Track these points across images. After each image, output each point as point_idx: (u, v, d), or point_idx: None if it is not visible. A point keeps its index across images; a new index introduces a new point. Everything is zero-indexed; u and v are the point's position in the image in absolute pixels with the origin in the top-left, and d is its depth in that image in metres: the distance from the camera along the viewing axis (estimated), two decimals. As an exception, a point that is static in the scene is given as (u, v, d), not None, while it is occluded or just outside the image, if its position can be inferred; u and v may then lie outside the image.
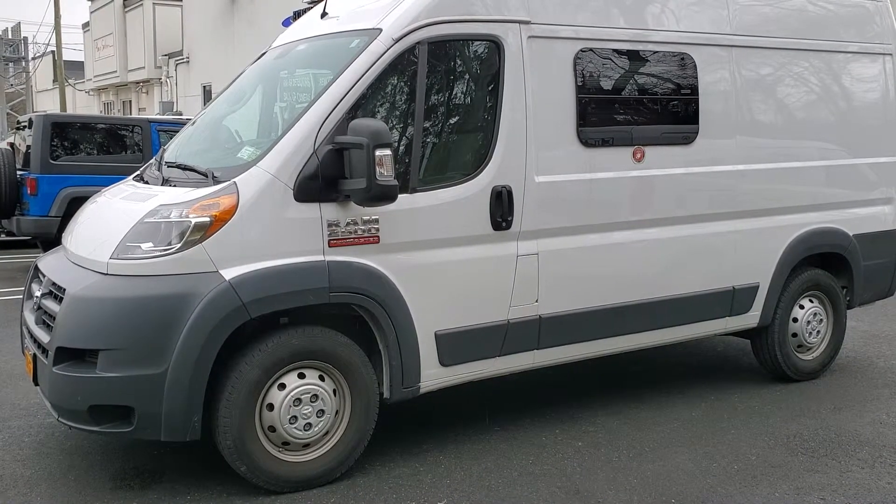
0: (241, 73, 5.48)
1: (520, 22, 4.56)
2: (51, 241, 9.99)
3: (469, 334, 4.43)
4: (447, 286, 4.34)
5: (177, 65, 32.62)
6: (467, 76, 4.54)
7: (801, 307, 5.92)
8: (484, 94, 4.52)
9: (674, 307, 5.17)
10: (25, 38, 41.40)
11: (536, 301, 4.63)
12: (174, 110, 26.10)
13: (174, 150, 4.93)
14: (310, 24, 5.12)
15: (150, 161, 5.08)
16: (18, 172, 10.98)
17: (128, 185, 4.75)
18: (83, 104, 42.88)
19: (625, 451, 4.60)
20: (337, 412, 4.14)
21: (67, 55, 38.51)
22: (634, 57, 5.01)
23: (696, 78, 5.20)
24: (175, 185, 4.25)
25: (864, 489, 4.14)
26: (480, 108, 4.52)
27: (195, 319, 3.71)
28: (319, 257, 3.99)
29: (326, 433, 4.12)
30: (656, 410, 5.29)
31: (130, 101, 37.72)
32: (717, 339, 6.94)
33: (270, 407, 3.96)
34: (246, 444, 3.90)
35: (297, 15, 5.65)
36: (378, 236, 4.11)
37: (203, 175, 4.13)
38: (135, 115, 33.34)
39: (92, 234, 4.32)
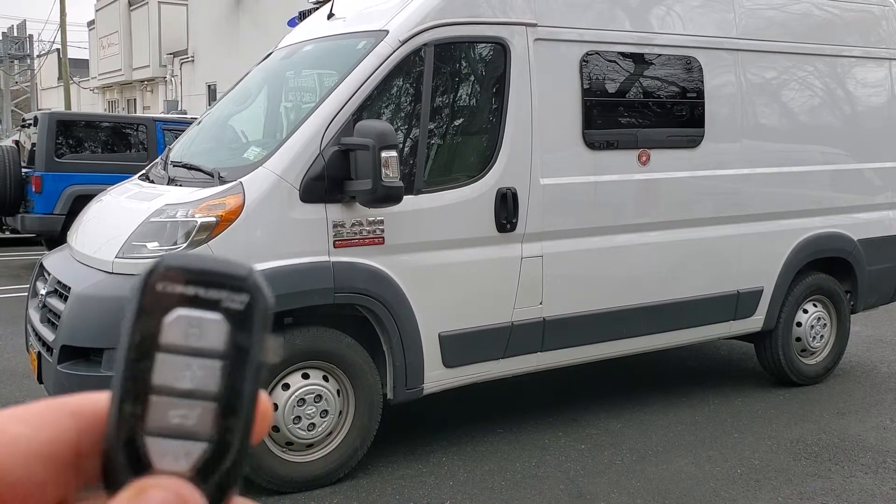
0: (248, 74, 5.49)
1: (526, 24, 4.56)
2: (55, 238, 10.00)
3: (473, 336, 4.43)
4: (451, 288, 4.35)
5: (182, 63, 32.63)
6: (473, 78, 4.55)
7: (805, 311, 5.91)
8: (489, 97, 4.52)
9: (678, 310, 5.16)
10: (30, 36, 41.42)
11: (540, 303, 4.63)
12: (179, 109, 26.12)
13: (180, 149, 4.93)
14: (316, 25, 5.13)
15: (156, 160, 5.10)
16: (23, 170, 11.00)
17: (133, 185, 4.76)
18: (88, 102, 42.91)
19: (628, 454, 4.60)
20: (340, 413, 4.15)
21: (72, 53, 38.62)
22: (640, 60, 5.01)
23: (703, 81, 5.20)
24: (181, 185, 4.26)
25: (868, 494, 4.14)
26: (486, 111, 4.53)
27: (200, 319, 3.70)
28: (324, 258, 3.99)
29: (330, 434, 4.13)
30: (659, 414, 5.29)
31: (135, 100, 37.75)
32: (720, 343, 6.93)
33: (274, 407, 3.96)
34: (249, 444, 3.90)
35: (303, 15, 5.66)
36: (383, 237, 4.12)
37: (209, 175, 4.14)
38: (139, 113, 33.38)
39: (97, 232, 4.33)
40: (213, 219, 3.81)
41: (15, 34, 41.15)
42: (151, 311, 0.35)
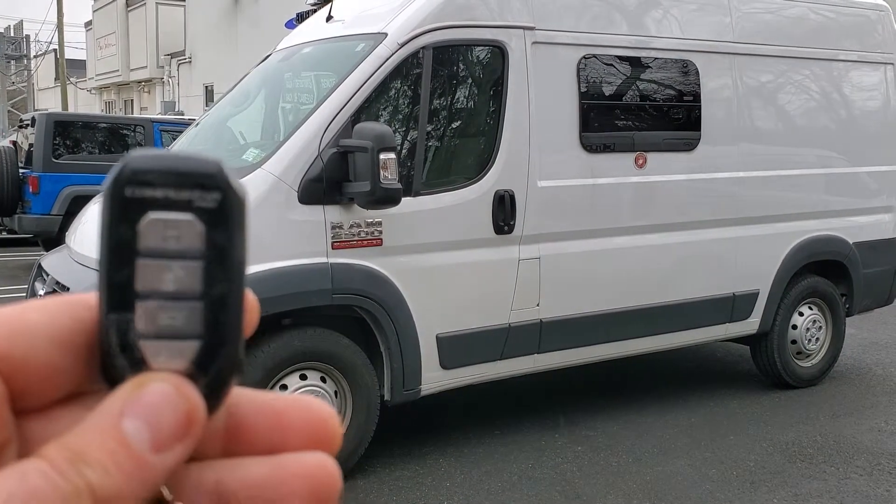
0: (246, 75, 5.50)
1: (524, 28, 4.58)
2: (52, 239, 10.00)
3: (470, 337, 4.45)
4: (449, 289, 4.36)
5: (179, 65, 32.64)
6: (471, 81, 4.57)
7: (801, 314, 5.94)
8: (487, 99, 4.54)
9: (674, 313, 5.19)
10: (28, 36, 41.41)
11: (537, 305, 4.65)
12: (176, 110, 26.12)
13: (178, 151, 4.94)
14: (315, 27, 5.15)
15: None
16: (21, 170, 11.00)
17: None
18: (84, 103, 42.90)
19: (624, 456, 4.62)
20: (338, 413, 4.16)
21: (69, 53, 38.57)
22: (637, 63, 5.04)
23: (699, 85, 5.22)
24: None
25: (862, 496, 4.16)
26: (484, 113, 4.55)
27: (198, 320, 3.72)
28: (323, 259, 4.01)
29: (327, 435, 4.14)
30: (656, 416, 5.30)
31: (132, 101, 37.75)
32: (716, 346, 6.96)
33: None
34: (247, 445, 3.91)
35: (300, 17, 5.67)
36: (381, 239, 4.14)
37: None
38: (136, 114, 33.36)
39: (96, 233, 4.33)
40: (212, 220, 3.82)
41: (12, 34, 41.13)
42: (124, 217, 0.34)
